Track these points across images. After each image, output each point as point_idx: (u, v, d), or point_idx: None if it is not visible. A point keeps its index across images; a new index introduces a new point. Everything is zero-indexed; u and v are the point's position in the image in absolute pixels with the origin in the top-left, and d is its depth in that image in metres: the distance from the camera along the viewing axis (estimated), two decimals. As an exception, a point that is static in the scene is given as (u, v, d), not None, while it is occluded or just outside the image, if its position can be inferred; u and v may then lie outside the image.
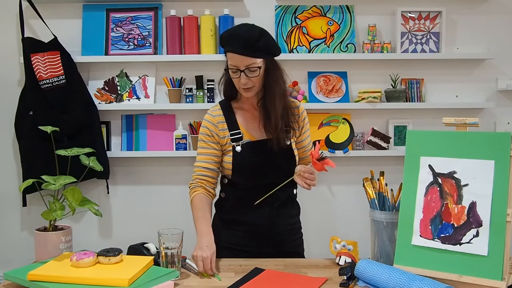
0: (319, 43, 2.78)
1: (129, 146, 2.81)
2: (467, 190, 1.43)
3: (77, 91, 2.67)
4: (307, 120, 1.89)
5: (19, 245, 2.84)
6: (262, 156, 1.76)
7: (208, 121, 1.82)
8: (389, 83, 2.77)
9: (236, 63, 1.67)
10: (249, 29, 1.69)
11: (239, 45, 1.65)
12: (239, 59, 1.66)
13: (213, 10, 2.73)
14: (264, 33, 1.69)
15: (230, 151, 1.77)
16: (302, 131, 1.87)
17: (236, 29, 1.72)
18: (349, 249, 1.66)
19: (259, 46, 1.66)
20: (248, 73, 1.67)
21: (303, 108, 1.89)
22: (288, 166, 1.79)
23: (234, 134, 1.77)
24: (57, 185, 1.65)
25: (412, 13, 2.79)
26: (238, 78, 1.69)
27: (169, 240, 1.51)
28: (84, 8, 2.78)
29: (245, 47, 1.64)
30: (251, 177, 1.77)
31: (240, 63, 1.66)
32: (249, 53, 1.65)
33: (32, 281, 1.39)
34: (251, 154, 1.76)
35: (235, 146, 1.76)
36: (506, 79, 2.83)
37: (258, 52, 1.66)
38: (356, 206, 2.80)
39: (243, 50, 1.64)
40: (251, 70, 1.67)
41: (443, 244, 1.43)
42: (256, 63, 1.67)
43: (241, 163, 1.76)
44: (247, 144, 1.77)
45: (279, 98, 1.73)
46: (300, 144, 1.88)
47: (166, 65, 2.81)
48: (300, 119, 1.85)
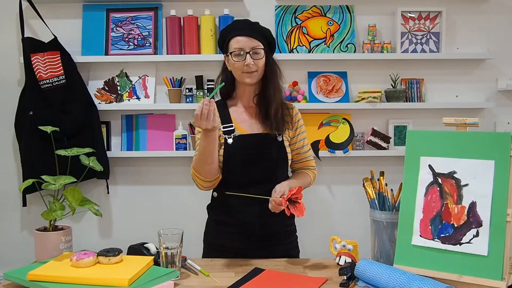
0: (319, 43, 2.78)
1: (129, 146, 2.81)
2: (467, 190, 1.43)
3: (77, 91, 2.67)
4: (301, 123, 1.91)
5: (19, 245, 2.84)
6: (253, 149, 1.78)
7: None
8: (389, 83, 2.77)
9: (241, 45, 1.74)
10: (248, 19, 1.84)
11: (245, 28, 1.77)
12: (244, 41, 1.74)
13: (213, 10, 2.73)
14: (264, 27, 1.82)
15: (222, 144, 1.79)
16: (296, 133, 1.89)
17: (236, 21, 1.87)
18: (349, 249, 1.66)
19: (263, 30, 1.79)
20: (252, 55, 1.74)
21: (298, 111, 1.92)
22: (279, 162, 1.81)
23: (227, 127, 1.81)
24: (57, 185, 1.65)
25: (412, 13, 2.79)
26: (243, 60, 1.74)
27: (169, 240, 1.51)
28: (84, 8, 2.78)
29: (251, 29, 1.76)
30: (241, 171, 1.78)
31: (245, 45, 1.74)
32: (254, 34, 1.75)
33: (32, 281, 1.39)
34: (242, 147, 1.78)
35: (227, 138, 1.79)
36: (506, 79, 2.83)
37: (262, 35, 1.78)
38: (356, 206, 2.80)
39: (249, 31, 1.75)
40: (256, 52, 1.74)
41: (443, 244, 1.43)
42: (260, 45, 1.76)
43: (232, 155, 1.78)
44: (239, 137, 1.79)
45: (277, 88, 1.82)
46: (293, 146, 1.89)
47: (166, 65, 2.81)
48: (294, 120, 1.88)
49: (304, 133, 1.92)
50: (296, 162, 1.93)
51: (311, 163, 1.96)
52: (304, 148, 1.92)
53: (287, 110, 1.87)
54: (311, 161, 1.96)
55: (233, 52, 1.75)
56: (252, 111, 1.85)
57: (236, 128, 1.81)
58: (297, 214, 1.62)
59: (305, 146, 1.92)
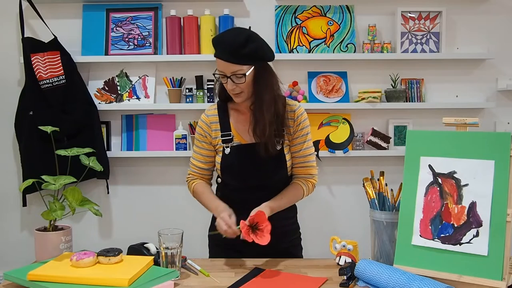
0: (319, 43, 2.78)
1: (129, 146, 2.81)
2: (467, 190, 1.43)
3: (77, 91, 2.68)
4: (304, 124, 1.80)
5: (19, 245, 2.84)
6: (250, 160, 1.74)
7: (203, 121, 1.84)
8: (389, 83, 2.77)
9: (222, 69, 1.66)
10: (236, 35, 1.65)
11: (224, 51, 1.63)
12: (225, 65, 1.64)
13: (213, 10, 2.73)
14: (252, 39, 1.64)
15: (221, 151, 1.79)
16: (295, 136, 1.79)
17: (225, 34, 1.70)
18: (349, 249, 1.66)
19: (245, 52, 1.62)
20: (234, 79, 1.65)
21: (302, 111, 1.81)
22: (276, 171, 1.78)
23: (225, 135, 1.78)
24: (57, 185, 1.65)
25: (412, 13, 2.79)
26: (226, 83, 1.69)
27: (169, 240, 1.51)
28: (84, 8, 2.78)
29: (230, 53, 1.62)
30: (239, 178, 1.78)
31: (225, 69, 1.65)
32: (234, 59, 1.62)
33: (32, 281, 1.39)
34: (239, 157, 1.76)
35: (225, 147, 1.77)
36: (506, 79, 2.83)
37: (243, 59, 1.62)
38: (356, 206, 2.80)
39: (228, 56, 1.62)
40: (237, 77, 1.64)
41: (443, 244, 1.43)
42: (242, 69, 1.64)
43: (230, 165, 1.77)
44: (236, 147, 1.77)
45: (268, 105, 1.69)
46: (293, 148, 1.80)
47: (166, 65, 2.81)
48: (295, 124, 1.78)
49: (304, 136, 1.79)
50: (295, 166, 1.82)
51: (311, 170, 1.83)
52: (302, 152, 1.80)
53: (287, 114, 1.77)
54: (311, 167, 1.83)
55: (217, 73, 1.68)
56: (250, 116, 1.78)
57: (234, 137, 1.78)
58: (260, 242, 1.54)
59: (303, 150, 1.80)
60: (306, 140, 1.81)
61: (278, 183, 1.80)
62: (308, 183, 1.83)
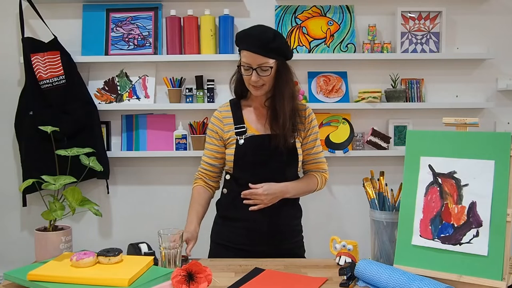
0: (319, 43, 2.78)
1: (129, 146, 2.81)
2: (467, 190, 1.43)
3: (77, 91, 2.67)
4: (314, 123, 1.90)
5: (19, 245, 2.84)
6: (264, 150, 1.79)
7: (215, 117, 1.90)
8: (389, 83, 2.77)
9: (249, 61, 1.72)
10: (264, 30, 1.75)
11: (254, 44, 1.71)
12: (252, 58, 1.71)
13: (213, 10, 2.73)
14: (279, 36, 1.76)
15: (234, 144, 1.82)
16: (308, 133, 1.88)
17: (252, 29, 1.78)
18: (349, 249, 1.66)
19: (273, 46, 1.72)
20: (259, 72, 1.73)
21: (311, 111, 1.90)
22: (289, 163, 1.82)
23: (239, 127, 1.83)
24: (57, 185, 1.65)
25: (412, 13, 2.79)
26: (250, 75, 1.74)
27: (169, 240, 1.52)
28: (84, 8, 2.78)
29: (259, 46, 1.71)
30: (251, 170, 1.80)
31: (253, 61, 1.72)
32: (263, 52, 1.71)
33: (32, 281, 1.39)
34: (254, 147, 1.80)
35: (239, 139, 1.81)
36: (506, 79, 2.83)
37: (271, 52, 1.72)
38: (356, 206, 2.80)
39: (257, 49, 1.71)
40: (263, 69, 1.73)
41: (443, 244, 1.43)
42: (268, 63, 1.73)
43: (243, 155, 1.80)
44: (250, 138, 1.81)
45: (288, 100, 1.78)
46: (304, 146, 1.88)
47: (166, 65, 2.81)
48: (306, 121, 1.87)
49: (316, 134, 1.90)
50: (307, 163, 1.92)
51: (323, 165, 1.94)
52: (315, 150, 1.91)
53: (300, 112, 1.86)
54: (322, 163, 1.94)
55: (242, 65, 1.76)
56: (264, 111, 1.85)
57: (248, 129, 1.83)
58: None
59: (316, 147, 1.91)
60: (317, 138, 1.92)
61: (288, 179, 1.82)
62: (322, 176, 1.93)
